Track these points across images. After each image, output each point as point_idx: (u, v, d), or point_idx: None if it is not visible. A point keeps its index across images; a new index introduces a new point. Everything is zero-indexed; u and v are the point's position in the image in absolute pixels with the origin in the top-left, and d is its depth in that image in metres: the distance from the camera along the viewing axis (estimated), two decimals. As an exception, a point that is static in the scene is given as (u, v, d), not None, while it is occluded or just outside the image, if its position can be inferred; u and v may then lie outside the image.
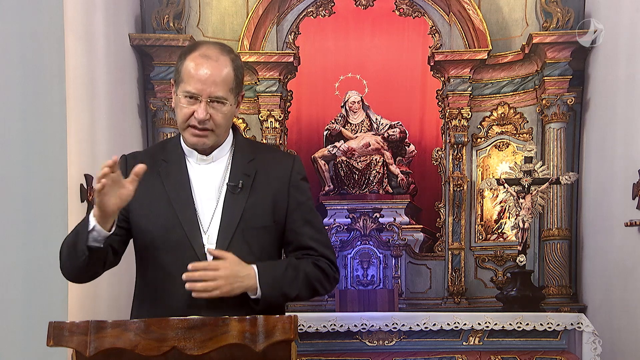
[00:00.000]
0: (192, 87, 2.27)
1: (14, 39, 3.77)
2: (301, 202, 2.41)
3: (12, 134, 3.75)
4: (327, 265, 2.41)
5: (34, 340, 3.07)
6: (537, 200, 5.43)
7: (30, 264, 3.75)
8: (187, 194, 2.34)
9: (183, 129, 2.34)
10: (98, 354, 1.88)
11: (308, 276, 2.35)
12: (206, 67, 2.28)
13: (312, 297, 2.43)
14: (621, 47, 5.33)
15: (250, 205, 2.33)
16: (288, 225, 2.39)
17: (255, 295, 2.25)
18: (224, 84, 2.29)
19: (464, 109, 6.37)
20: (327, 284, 2.41)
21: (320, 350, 4.78)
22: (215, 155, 2.38)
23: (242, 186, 2.34)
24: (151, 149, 2.52)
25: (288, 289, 2.30)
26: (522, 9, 6.36)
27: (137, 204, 2.33)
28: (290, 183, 2.41)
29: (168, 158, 2.40)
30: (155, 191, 2.35)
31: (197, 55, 2.30)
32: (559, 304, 5.83)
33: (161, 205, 2.33)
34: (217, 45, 2.37)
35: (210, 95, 2.28)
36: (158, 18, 6.10)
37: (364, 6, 6.71)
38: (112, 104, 5.22)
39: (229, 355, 1.90)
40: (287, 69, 6.48)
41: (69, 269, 2.29)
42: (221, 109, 2.30)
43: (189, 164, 2.39)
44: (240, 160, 2.39)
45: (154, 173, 2.36)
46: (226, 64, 2.31)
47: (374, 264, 6.12)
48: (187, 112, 2.29)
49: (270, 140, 6.38)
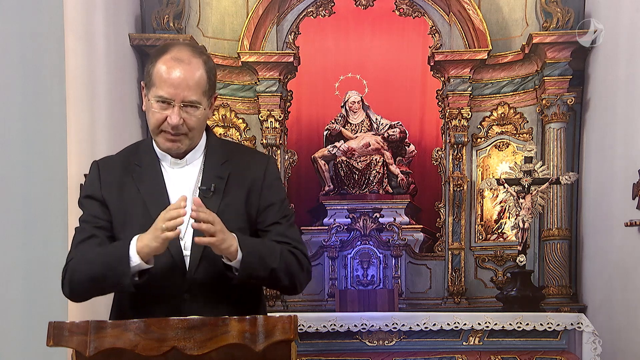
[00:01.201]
0: (164, 92, 2.23)
1: (14, 39, 3.77)
2: (272, 203, 2.37)
3: (12, 134, 3.75)
4: (301, 256, 2.36)
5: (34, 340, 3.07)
6: (537, 200, 5.42)
7: (30, 264, 3.75)
8: (163, 198, 2.30)
9: (156, 134, 2.30)
10: (98, 354, 1.88)
11: (285, 256, 2.29)
12: (178, 70, 2.23)
13: (287, 284, 2.34)
14: (621, 47, 5.33)
15: (223, 208, 2.29)
16: (259, 225, 2.36)
17: (236, 259, 2.19)
18: (197, 88, 2.25)
19: (464, 109, 6.37)
20: (301, 275, 2.35)
21: (320, 350, 4.77)
22: (189, 159, 2.36)
23: (215, 189, 2.30)
24: (123, 152, 2.45)
25: (268, 259, 2.24)
26: (522, 9, 6.36)
27: (114, 209, 2.31)
28: (264, 184, 2.38)
29: (141, 162, 2.37)
30: (130, 196, 2.32)
31: (168, 59, 2.24)
32: (559, 304, 5.83)
33: (137, 210, 2.30)
34: (188, 47, 2.31)
35: (184, 100, 2.24)
36: (158, 18, 6.10)
37: (364, 6, 6.71)
38: (112, 104, 5.22)
39: (229, 355, 1.90)
40: (287, 69, 6.48)
41: (82, 295, 2.28)
42: (195, 112, 2.26)
43: (163, 168, 2.36)
44: (213, 163, 2.36)
45: (128, 176, 2.33)
46: (199, 66, 2.26)
47: (374, 264, 6.12)
48: (160, 117, 2.26)
49: (270, 140, 6.39)
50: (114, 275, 2.16)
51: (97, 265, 2.20)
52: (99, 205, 2.34)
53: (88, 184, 2.40)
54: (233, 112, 6.43)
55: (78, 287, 2.25)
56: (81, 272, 2.23)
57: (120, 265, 2.15)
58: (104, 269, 2.18)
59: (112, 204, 2.32)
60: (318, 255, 6.19)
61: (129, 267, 2.15)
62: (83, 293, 2.28)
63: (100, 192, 2.34)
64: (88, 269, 2.22)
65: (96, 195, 2.34)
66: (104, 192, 2.34)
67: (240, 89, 6.49)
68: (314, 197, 6.75)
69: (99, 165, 2.40)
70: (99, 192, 2.34)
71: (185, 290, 2.26)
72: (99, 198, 2.34)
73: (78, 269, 2.24)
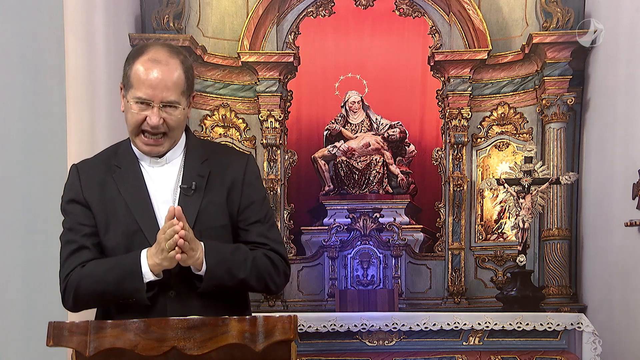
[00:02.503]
0: (142, 93, 2.25)
1: (14, 39, 3.77)
2: (253, 201, 2.39)
3: (12, 134, 3.75)
4: (278, 258, 2.37)
5: (34, 340, 3.07)
6: (537, 200, 5.42)
7: (30, 264, 3.75)
8: (144, 199, 2.32)
9: (135, 135, 2.31)
10: (98, 354, 1.88)
11: (257, 263, 2.30)
12: (156, 71, 2.24)
13: (262, 288, 2.37)
14: (621, 47, 5.33)
15: (205, 205, 2.31)
16: (239, 223, 2.37)
17: (200, 270, 2.22)
18: (176, 88, 2.27)
19: (464, 109, 6.37)
20: (276, 278, 2.36)
21: (320, 350, 4.77)
22: (168, 157, 2.37)
23: (196, 187, 2.32)
24: (102, 154, 2.46)
25: (236, 270, 2.26)
26: (522, 9, 6.36)
27: (97, 212, 2.32)
28: (244, 182, 2.39)
29: (121, 163, 2.37)
30: (111, 197, 2.33)
31: (146, 60, 2.26)
32: (559, 304, 5.83)
33: (119, 212, 2.31)
34: (165, 47, 2.32)
35: (163, 100, 2.25)
36: (158, 18, 6.10)
37: (364, 6, 6.71)
38: (112, 104, 5.21)
39: (229, 355, 1.90)
40: (287, 69, 6.48)
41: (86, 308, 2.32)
42: (174, 112, 2.28)
43: (143, 168, 2.37)
44: (194, 162, 2.37)
45: (108, 178, 2.34)
46: (176, 67, 2.28)
47: (374, 264, 6.12)
48: (139, 118, 2.27)
49: (270, 140, 6.39)
50: (127, 291, 2.20)
51: (106, 282, 2.23)
52: (81, 210, 2.33)
53: (68, 188, 2.39)
54: (233, 112, 6.43)
55: (84, 302, 2.30)
56: (88, 288, 2.26)
57: (134, 282, 2.20)
58: (115, 286, 2.22)
59: (95, 205, 2.32)
60: (318, 255, 6.19)
61: (143, 284, 2.20)
62: (88, 307, 2.33)
63: (82, 195, 2.34)
64: (97, 285, 2.25)
65: (78, 199, 2.34)
66: (85, 194, 2.34)
67: (240, 89, 6.48)
68: (314, 197, 6.75)
69: (78, 169, 2.40)
70: (81, 195, 2.34)
71: (171, 287, 2.27)
72: (81, 201, 2.34)
73: (84, 285, 2.26)
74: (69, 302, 2.31)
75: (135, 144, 2.35)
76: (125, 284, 2.20)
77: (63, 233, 2.35)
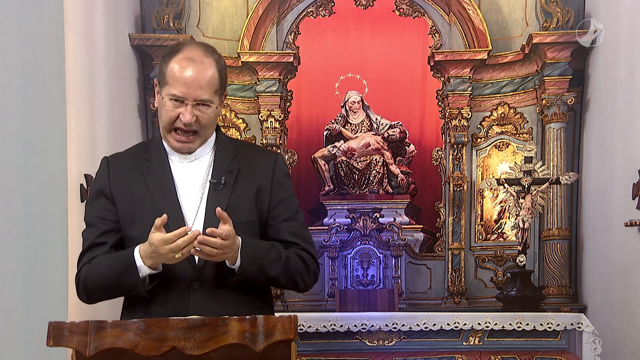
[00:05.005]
0: (177, 91, 2.28)
1: (14, 39, 3.77)
2: (283, 199, 2.41)
3: (12, 134, 3.75)
4: (309, 258, 2.40)
5: (34, 340, 3.08)
6: (537, 200, 5.43)
7: (30, 264, 3.75)
8: (171, 192, 2.34)
9: (168, 131, 2.34)
10: (98, 354, 1.88)
11: (289, 263, 2.34)
12: (191, 70, 2.28)
13: (291, 287, 2.41)
14: (621, 47, 5.33)
15: (233, 201, 2.33)
16: (270, 221, 2.39)
17: (234, 265, 2.25)
18: (210, 87, 2.30)
19: (464, 109, 6.37)
20: (307, 277, 2.40)
21: (320, 350, 4.78)
22: (198, 153, 2.39)
23: (225, 183, 2.34)
24: (133, 149, 2.51)
25: (268, 267, 2.29)
26: (522, 9, 6.36)
27: (122, 205, 2.35)
28: (273, 180, 2.41)
29: (150, 157, 2.41)
30: (139, 190, 2.36)
31: (181, 58, 2.30)
32: (559, 304, 5.83)
33: (145, 204, 2.33)
34: (200, 47, 2.36)
35: (196, 99, 2.28)
36: (158, 18, 6.10)
37: (364, 6, 6.71)
38: (112, 104, 5.22)
39: (229, 355, 1.90)
40: (287, 69, 6.48)
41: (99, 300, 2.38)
42: (207, 111, 2.31)
43: (172, 162, 2.39)
44: (223, 158, 2.40)
45: (137, 171, 2.37)
46: (211, 66, 2.32)
47: (374, 264, 6.12)
48: (173, 115, 2.30)
49: (270, 140, 6.39)
50: (127, 285, 2.25)
51: (108, 278, 2.28)
52: (105, 203, 2.37)
53: (97, 180, 2.45)
54: (233, 112, 6.44)
55: (93, 295, 2.36)
56: (95, 282, 2.31)
57: (131, 277, 2.23)
58: (116, 281, 2.27)
59: (121, 198, 2.35)
60: (318, 255, 6.17)
61: (139, 278, 2.23)
62: (100, 299, 2.38)
63: (109, 188, 2.38)
64: (100, 280, 2.30)
65: (105, 191, 2.38)
66: (112, 187, 2.38)
67: (240, 89, 6.49)
68: (314, 197, 6.75)
69: (108, 161, 2.44)
70: (108, 188, 2.38)
71: (195, 279, 2.29)
72: (107, 194, 2.38)
73: (90, 280, 2.32)
74: (83, 296, 2.37)
75: (166, 140, 2.38)
76: (124, 279, 2.25)
77: (84, 228, 2.41)
